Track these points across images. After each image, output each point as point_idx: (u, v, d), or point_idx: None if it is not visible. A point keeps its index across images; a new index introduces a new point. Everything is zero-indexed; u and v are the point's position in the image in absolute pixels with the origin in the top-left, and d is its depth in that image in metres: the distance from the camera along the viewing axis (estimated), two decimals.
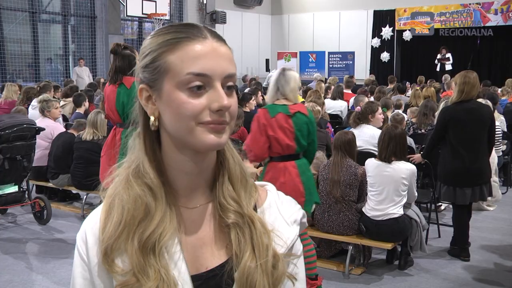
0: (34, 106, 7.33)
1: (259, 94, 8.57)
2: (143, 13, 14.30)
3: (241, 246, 0.96)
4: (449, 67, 15.46)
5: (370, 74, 16.35)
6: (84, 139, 5.79)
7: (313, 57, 18.41)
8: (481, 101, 5.28)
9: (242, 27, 18.88)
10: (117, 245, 0.92)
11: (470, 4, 16.47)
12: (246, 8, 19.13)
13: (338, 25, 18.77)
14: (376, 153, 4.50)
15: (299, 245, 1.05)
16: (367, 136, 5.15)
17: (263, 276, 0.94)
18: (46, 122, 6.22)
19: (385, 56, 17.70)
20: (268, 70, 17.83)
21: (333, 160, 4.36)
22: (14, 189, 5.44)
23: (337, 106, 8.46)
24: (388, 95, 8.84)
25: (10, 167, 5.25)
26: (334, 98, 8.73)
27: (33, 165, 5.64)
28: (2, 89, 8.83)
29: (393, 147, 4.23)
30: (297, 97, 3.82)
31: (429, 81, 12.12)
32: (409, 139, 5.42)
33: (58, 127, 6.49)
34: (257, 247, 0.96)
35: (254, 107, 7.28)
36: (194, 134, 0.91)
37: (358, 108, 5.49)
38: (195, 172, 0.97)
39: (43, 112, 6.43)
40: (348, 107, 8.46)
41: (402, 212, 4.23)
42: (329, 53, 18.14)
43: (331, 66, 18.11)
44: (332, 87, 9.87)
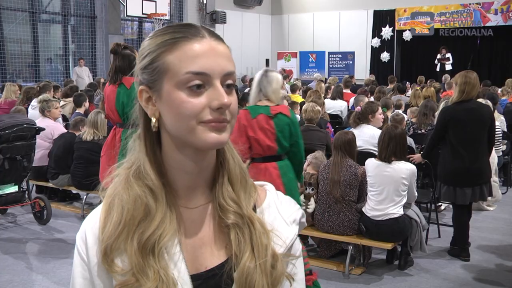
0: (34, 106, 7.33)
1: None
2: (143, 13, 14.30)
3: (240, 246, 0.96)
4: (449, 67, 15.45)
5: (370, 74, 16.34)
6: (84, 139, 5.80)
7: (313, 57, 18.40)
8: (481, 101, 5.29)
9: (242, 27, 18.87)
10: (116, 244, 0.92)
11: (470, 4, 16.47)
12: (246, 8, 19.12)
13: (338, 25, 18.76)
14: (376, 153, 4.50)
15: (298, 245, 1.05)
16: (367, 136, 5.15)
17: (262, 276, 0.95)
18: (46, 122, 6.22)
19: (385, 56, 17.69)
20: None
21: (333, 160, 4.37)
22: (14, 189, 5.45)
23: (337, 106, 8.46)
24: (388, 95, 8.83)
25: (10, 167, 5.25)
26: (334, 98, 8.74)
27: (33, 165, 5.64)
28: (2, 89, 8.83)
29: (393, 147, 4.23)
30: (280, 98, 3.80)
31: (429, 81, 12.11)
32: (409, 139, 5.42)
33: (58, 127, 6.49)
34: (257, 247, 0.96)
35: None
36: (195, 133, 0.91)
37: (358, 108, 5.50)
38: (195, 171, 0.97)
39: (43, 112, 6.43)
40: (348, 107, 8.46)
41: (402, 212, 4.23)
42: (329, 53, 18.13)
43: (331, 66, 18.11)
44: (332, 87, 9.87)
